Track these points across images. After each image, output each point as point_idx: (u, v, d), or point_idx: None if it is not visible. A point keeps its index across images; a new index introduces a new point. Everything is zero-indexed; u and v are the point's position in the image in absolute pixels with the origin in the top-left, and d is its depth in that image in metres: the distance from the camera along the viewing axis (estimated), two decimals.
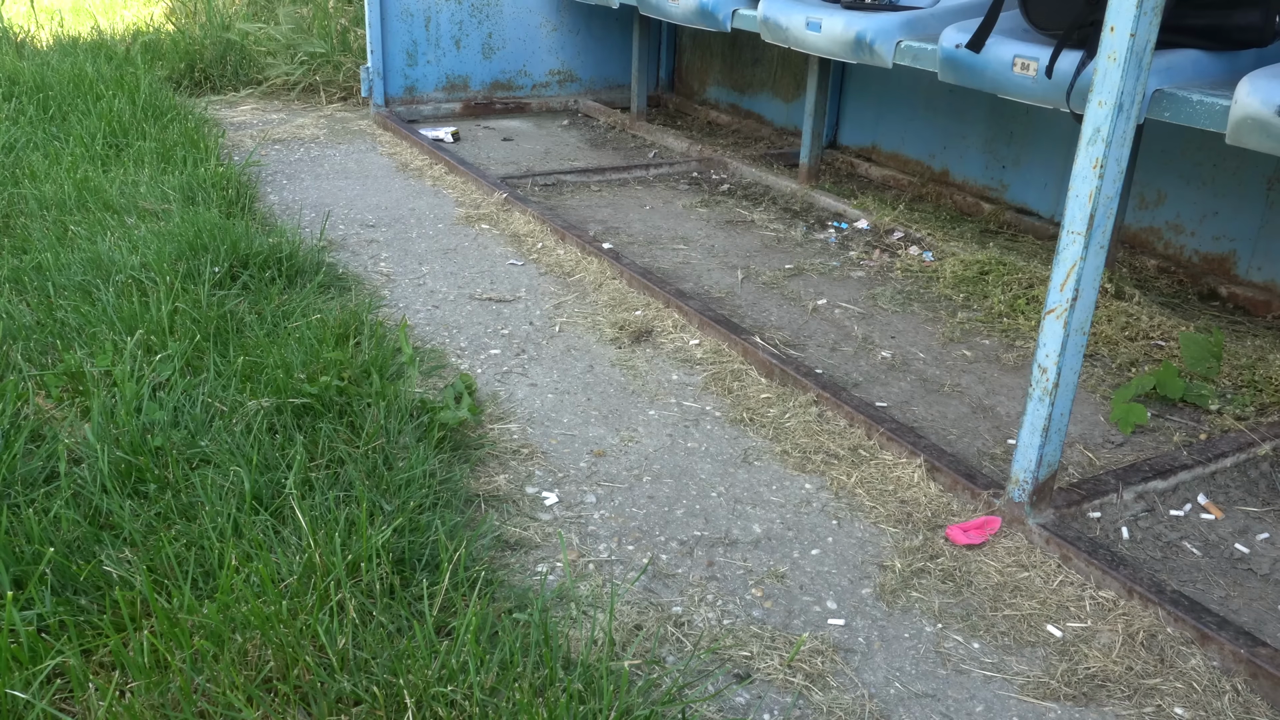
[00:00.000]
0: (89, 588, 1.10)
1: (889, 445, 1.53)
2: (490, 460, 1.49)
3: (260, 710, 0.96)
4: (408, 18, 3.50)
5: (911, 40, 2.13)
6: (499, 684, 0.98)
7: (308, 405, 1.46)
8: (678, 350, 1.86)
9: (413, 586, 1.13)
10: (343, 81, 3.89)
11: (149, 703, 0.95)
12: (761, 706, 1.06)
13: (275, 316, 1.78)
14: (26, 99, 3.07)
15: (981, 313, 2.09)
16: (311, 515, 1.20)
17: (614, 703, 0.96)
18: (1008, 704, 1.08)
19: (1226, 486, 1.49)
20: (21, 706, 0.95)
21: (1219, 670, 1.12)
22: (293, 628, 1.02)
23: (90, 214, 2.22)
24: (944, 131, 2.88)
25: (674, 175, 3.06)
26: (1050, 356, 1.25)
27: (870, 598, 1.23)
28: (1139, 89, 1.15)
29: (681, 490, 1.44)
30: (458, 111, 3.68)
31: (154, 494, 1.26)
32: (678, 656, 1.12)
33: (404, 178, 2.91)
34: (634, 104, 3.64)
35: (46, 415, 1.44)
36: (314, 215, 2.53)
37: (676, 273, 2.25)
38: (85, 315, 1.70)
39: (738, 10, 2.62)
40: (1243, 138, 1.47)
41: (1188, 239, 2.31)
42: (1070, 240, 1.20)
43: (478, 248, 2.36)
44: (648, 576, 1.25)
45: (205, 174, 2.49)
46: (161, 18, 4.74)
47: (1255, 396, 1.72)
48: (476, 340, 1.89)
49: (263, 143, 3.20)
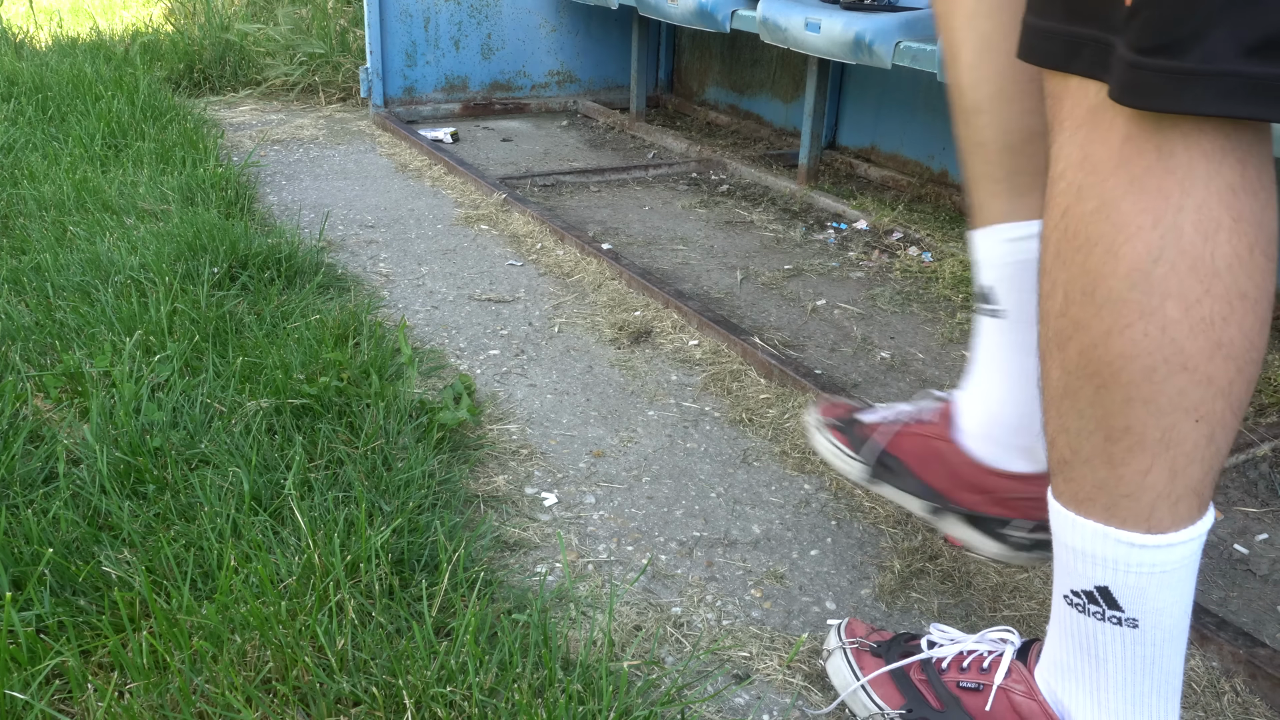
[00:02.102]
0: (88, 588, 1.10)
1: None
2: (489, 461, 1.49)
3: (259, 711, 0.96)
4: (407, 18, 3.50)
5: (911, 41, 2.13)
6: (498, 684, 0.98)
7: (307, 406, 1.46)
8: (677, 351, 1.86)
9: (412, 587, 1.13)
10: (342, 82, 3.90)
11: (148, 703, 0.95)
12: (761, 707, 1.06)
13: (274, 317, 1.78)
14: (25, 100, 3.07)
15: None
16: (310, 516, 1.20)
17: (613, 703, 0.96)
18: None
19: (1225, 487, 1.49)
20: (20, 707, 0.95)
21: (1218, 671, 1.12)
22: (292, 628, 1.02)
23: (89, 215, 2.22)
24: (943, 132, 2.88)
25: (673, 176, 3.06)
26: None
27: (870, 598, 1.23)
28: None
29: (681, 491, 1.44)
30: (457, 112, 3.68)
31: (153, 495, 1.26)
32: (677, 657, 1.12)
33: (403, 178, 2.91)
34: (633, 105, 3.64)
35: (45, 416, 1.44)
36: (313, 216, 2.53)
37: (676, 273, 2.25)
38: (84, 316, 1.70)
39: (737, 11, 2.62)
40: None
41: None
42: None
43: (477, 248, 2.36)
44: (647, 577, 1.25)
45: (204, 175, 2.49)
46: (160, 18, 4.74)
47: (1254, 397, 1.72)
48: (476, 341, 1.89)
49: (262, 143, 3.21)
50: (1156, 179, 0.68)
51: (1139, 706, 0.83)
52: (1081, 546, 0.79)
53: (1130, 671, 0.81)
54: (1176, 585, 0.77)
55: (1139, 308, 0.70)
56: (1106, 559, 0.77)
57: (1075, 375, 0.75)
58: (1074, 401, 0.76)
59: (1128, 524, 0.76)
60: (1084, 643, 0.83)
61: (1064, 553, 0.82)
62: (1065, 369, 0.76)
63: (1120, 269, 0.70)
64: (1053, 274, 0.75)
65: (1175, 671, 0.82)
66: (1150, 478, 0.74)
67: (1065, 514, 0.80)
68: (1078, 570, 0.80)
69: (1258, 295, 0.70)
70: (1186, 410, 0.71)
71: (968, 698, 0.92)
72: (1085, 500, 0.78)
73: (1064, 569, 0.82)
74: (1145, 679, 0.81)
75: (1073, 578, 0.81)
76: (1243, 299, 0.69)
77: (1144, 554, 0.76)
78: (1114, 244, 0.70)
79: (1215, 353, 0.69)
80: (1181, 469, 0.73)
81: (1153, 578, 0.77)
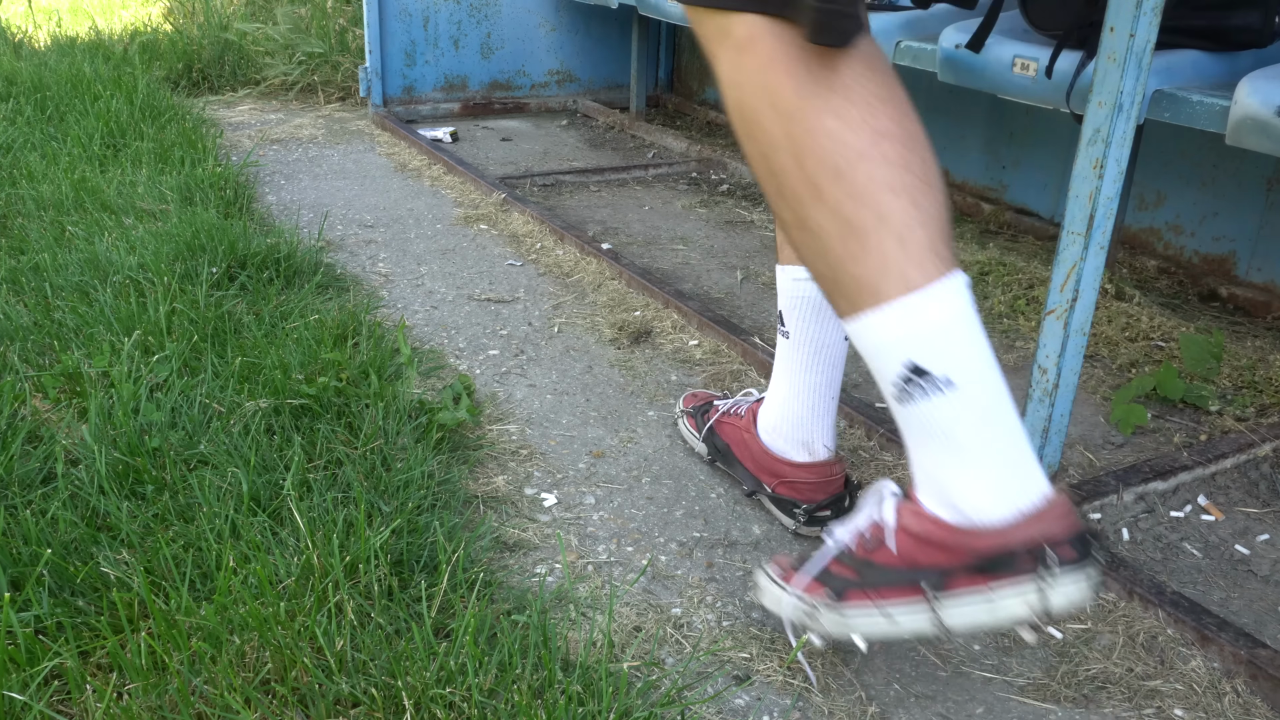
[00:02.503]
0: (86, 589, 1.10)
1: (889, 446, 1.53)
2: (489, 461, 1.48)
3: (258, 712, 0.95)
4: (406, 18, 3.50)
5: (911, 40, 2.12)
6: (498, 685, 0.97)
7: (306, 406, 1.46)
8: (677, 351, 1.86)
9: (411, 588, 1.13)
10: (341, 82, 3.89)
11: (147, 704, 0.95)
12: (761, 708, 1.05)
13: (273, 317, 1.77)
14: (24, 99, 3.06)
15: (981, 313, 2.08)
16: (309, 516, 1.20)
17: (613, 704, 0.96)
18: (1008, 705, 1.08)
19: (1227, 488, 1.49)
20: (19, 708, 0.95)
21: (1219, 672, 1.11)
22: (291, 629, 1.02)
23: (88, 214, 2.22)
24: (943, 132, 2.88)
25: (673, 175, 3.06)
26: (1050, 357, 1.25)
27: None
28: (1139, 90, 1.15)
29: (681, 491, 1.44)
30: (456, 111, 3.68)
31: (151, 495, 1.25)
32: (677, 658, 1.11)
33: (402, 178, 2.90)
34: (633, 104, 3.64)
35: (43, 416, 1.44)
36: (312, 215, 2.52)
37: (675, 273, 2.25)
38: (82, 316, 1.70)
39: None
40: (1242, 138, 1.46)
41: (1187, 240, 2.31)
42: (1070, 241, 1.20)
43: (476, 248, 2.36)
44: (647, 578, 1.25)
45: (203, 174, 2.49)
46: (159, 18, 4.73)
47: (1255, 397, 1.72)
48: (475, 341, 1.88)
49: (261, 143, 3.20)
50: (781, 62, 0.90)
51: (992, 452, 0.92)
52: (879, 339, 0.92)
53: (975, 428, 0.91)
54: (962, 336, 0.92)
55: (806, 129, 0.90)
56: (897, 336, 0.91)
57: (802, 206, 0.92)
58: (814, 232, 0.92)
59: (892, 295, 0.90)
60: (930, 431, 0.93)
61: (875, 362, 0.94)
62: (795, 209, 0.93)
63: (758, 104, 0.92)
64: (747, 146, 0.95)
65: (1014, 425, 0.93)
66: (887, 252, 0.89)
67: (858, 323, 0.93)
68: (888, 366, 0.92)
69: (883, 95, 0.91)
70: (881, 188, 0.89)
71: (879, 555, 0.99)
72: (860, 301, 0.92)
73: (882, 376, 0.94)
74: (992, 428, 0.92)
75: (889, 374, 0.93)
76: (880, 100, 0.91)
77: (916, 313, 0.90)
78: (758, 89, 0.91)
79: (878, 139, 0.89)
80: (906, 236, 0.89)
81: (937, 332, 0.90)
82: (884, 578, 0.98)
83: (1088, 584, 0.92)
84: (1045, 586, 0.91)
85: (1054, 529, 0.92)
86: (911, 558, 0.96)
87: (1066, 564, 0.91)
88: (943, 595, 0.95)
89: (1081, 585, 0.92)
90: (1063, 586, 0.91)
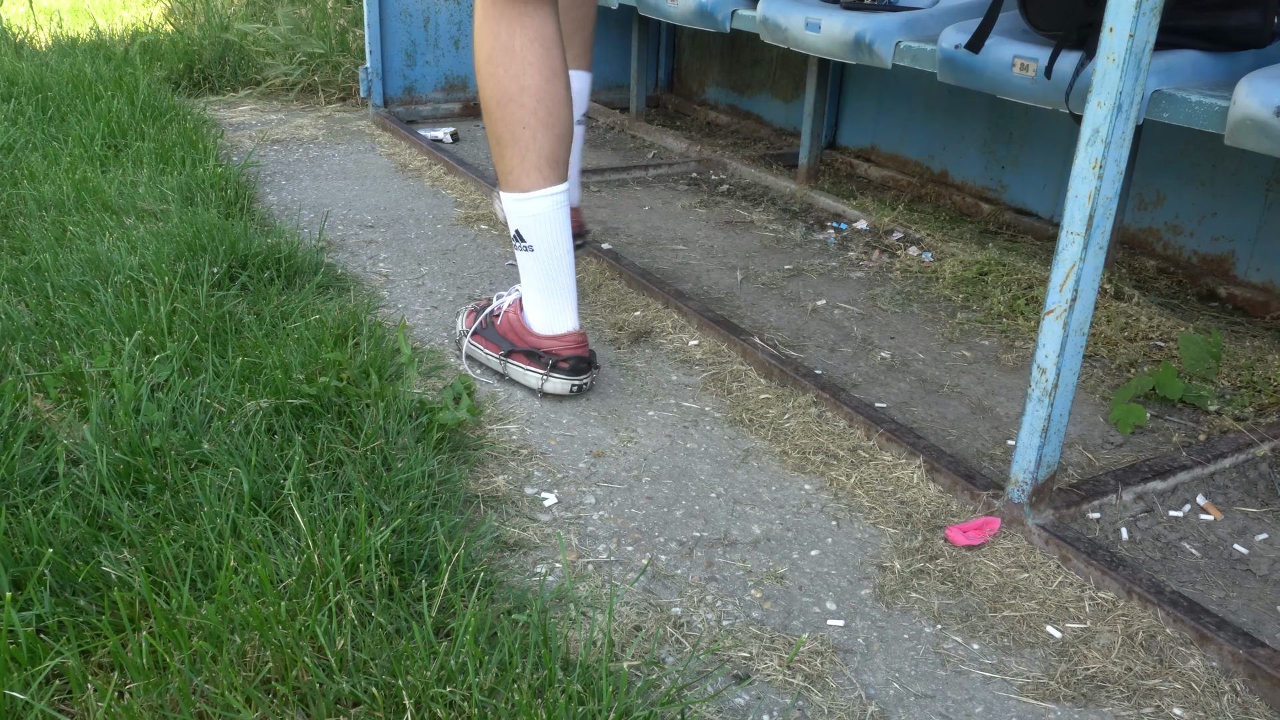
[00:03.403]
0: (88, 589, 1.10)
1: (888, 446, 1.53)
2: (489, 461, 1.49)
3: (259, 711, 0.96)
4: (406, 18, 3.50)
5: (911, 41, 2.13)
6: (498, 685, 0.98)
7: (306, 406, 1.46)
8: (677, 351, 1.86)
9: (411, 587, 1.13)
10: (341, 82, 3.89)
11: (148, 704, 0.95)
12: (761, 707, 1.06)
13: (274, 317, 1.78)
14: (25, 99, 3.07)
15: (981, 313, 2.09)
16: (310, 516, 1.20)
17: (613, 704, 0.96)
18: (1007, 705, 1.08)
19: (1225, 487, 1.49)
20: (20, 707, 0.95)
21: (1218, 671, 1.12)
22: (291, 629, 1.02)
23: (89, 215, 2.22)
24: (943, 132, 2.88)
25: (673, 176, 3.06)
26: (1049, 357, 1.25)
27: (870, 599, 1.23)
28: (1138, 90, 1.15)
29: (681, 491, 1.44)
30: (457, 112, 3.68)
31: (152, 495, 1.26)
32: (677, 657, 1.12)
33: (403, 178, 2.91)
34: (633, 104, 3.64)
35: (45, 416, 1.44)
36: (313, 216, 2.53)
37: (675, 273, 2.25)
38: (84, 316, 1.70)
39: (737, 11, 2.62)
40: (1241, 139, 1.47)
41: (1186, 239, 2.31)
42: (1069, 241, 1.20)
43: (477, 248, 2.36)
44: (647, 577, 1.25)
45: (204, 174, 2.49)
46: (160, 18, 4.74)
47: (1254, 397, 1.72)
48: None
49: (261, 143, 3.20)
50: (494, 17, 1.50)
51: (547, 295, 1.63)
52: (509, 210, 1.59)
53: (539, 277, 1.62)
54: (547, 224, 1.57)
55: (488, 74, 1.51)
56: (514, 212, 1.58)
57: (488, 118, 1.54)
58: (492, 138, 1.55)
59: (513, 189, 1.56)
60: (524, 269, 1.63)
61: (507, 218, 1.60)
62: (487, 117, 1.54)
63: (480, 57, 1.51)
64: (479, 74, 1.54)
65: (565, 283, 1.62)
66: (514, 161, 1.54)
67: (502, 197, 1.59)
68: (510, 224, 1.60)
69: (537, 63, 1.49)
70: (518, 122, 1.52)
71: (496, 323, 1.72)
72: (503, 184, 1.58)
73: (510, 228, 1.60)
74: (549, 281, 1.62)
75: (511, 229, 1.60)
76: (530, 65, 1.49)
77: (523, 204, 1.56)
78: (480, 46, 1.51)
79: (522, 92, 1.50)
80: (525, 154, 1.53)
81: (532, 218, 1.57)
82: (490, 335, 1.71)
83: (565, 384, 1.64)
84: (545, 377, 1.64)
85: (562, 348, 1.63)
86: (503, 332, 1.69)
87: (558, 370, 1.63)
88: (507, 360, 1.69)
89: (562, 384, 1.64)
90: (553, 381, 1.64)
